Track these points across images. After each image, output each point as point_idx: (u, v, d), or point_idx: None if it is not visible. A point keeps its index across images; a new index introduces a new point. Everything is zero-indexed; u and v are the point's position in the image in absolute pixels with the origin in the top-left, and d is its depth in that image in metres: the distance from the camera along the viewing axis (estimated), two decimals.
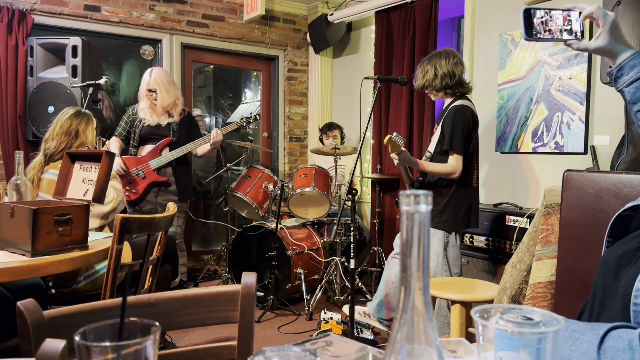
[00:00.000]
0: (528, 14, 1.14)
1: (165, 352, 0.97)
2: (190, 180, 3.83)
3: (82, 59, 3.43)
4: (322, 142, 4.61)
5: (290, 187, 3.76)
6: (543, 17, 1.14)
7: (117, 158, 3.44)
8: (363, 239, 4.31)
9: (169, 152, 3.55)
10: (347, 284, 3.62)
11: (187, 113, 3.71)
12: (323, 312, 3.09)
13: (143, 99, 3.54)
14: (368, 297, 3.65)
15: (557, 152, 3.17)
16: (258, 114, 3.95)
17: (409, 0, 4.02)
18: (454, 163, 2.64)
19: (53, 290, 2.16)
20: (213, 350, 1.01)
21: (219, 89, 5.77)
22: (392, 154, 2.63)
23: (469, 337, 2.23)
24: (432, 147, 2.80)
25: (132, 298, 0.93)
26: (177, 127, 3.59)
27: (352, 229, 2.78)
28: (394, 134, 2.53)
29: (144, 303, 0.93)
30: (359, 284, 3.72)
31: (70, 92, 3.44)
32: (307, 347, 0.80)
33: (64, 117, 2.42)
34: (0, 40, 3.58)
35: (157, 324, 0.51)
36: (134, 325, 0.52)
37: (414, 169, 2.79)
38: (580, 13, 1.14)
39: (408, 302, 0.44)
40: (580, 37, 1.15)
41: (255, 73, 5.49)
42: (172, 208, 1.99)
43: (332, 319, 2.97)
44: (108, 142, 3.62)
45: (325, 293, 3.75)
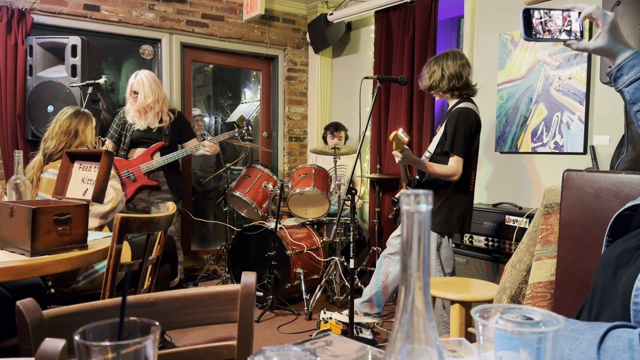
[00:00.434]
0: (527, 14, 1.14)
1: (165, 351, 0.97)
2: (182, 181, 3.85)
3: (81, 59, 3.43)
4: (325, 140, 4.57)
5: (290, 186, 3.76)
6: (542, 17, 1.14)
7: None
8: (362, 239, 4.31)
9: (160, 156, 3.58)
10: (346, 284, 3.62)
11: (177, 114, 3.72)
12: (322, 311, 3.08)
13: (129, 101, 3.60)
14: None
15: (556, 152, 3.17)
16: (250, 125, 3.99)
17: (409, 0, 4.02)
18: (455, 165, 2.64)
19: (52, 290, 2.16)
20: (213, 350, 1.01)
21: (219, 89, 5.77)
22: (394, 152, 2.62)
23: (469, 336, 2.23)
24: (432, 147, 2.80)
25: (131, 297, 0.93)
26: (168, 130, 3.62)
27: (351, 229, 2.78)
28: (400, 130, 2.51)
29: (144, 302, 0.93)
30: (359, 284, 3.71)
31: (70, 91, 3.44)
32: (307, 346, 0.80)
33: (63, 116, 2.42)
34: (0, 40, 3.58)
35: (156, 324, 0.51)
36: (134, 325, 0.52)
37: (413, 168, 2.79)
38: (580, 13, 1.14)
39: (408, 301, 0.44)
40: (580, 37, 1.15)
41: (255, 73, 5.49)
42: (171, 207, 1.99)
43: (331, 319, 2.97)
44: (108, 141, 3.63)
45: (325, 293, 3.75)
